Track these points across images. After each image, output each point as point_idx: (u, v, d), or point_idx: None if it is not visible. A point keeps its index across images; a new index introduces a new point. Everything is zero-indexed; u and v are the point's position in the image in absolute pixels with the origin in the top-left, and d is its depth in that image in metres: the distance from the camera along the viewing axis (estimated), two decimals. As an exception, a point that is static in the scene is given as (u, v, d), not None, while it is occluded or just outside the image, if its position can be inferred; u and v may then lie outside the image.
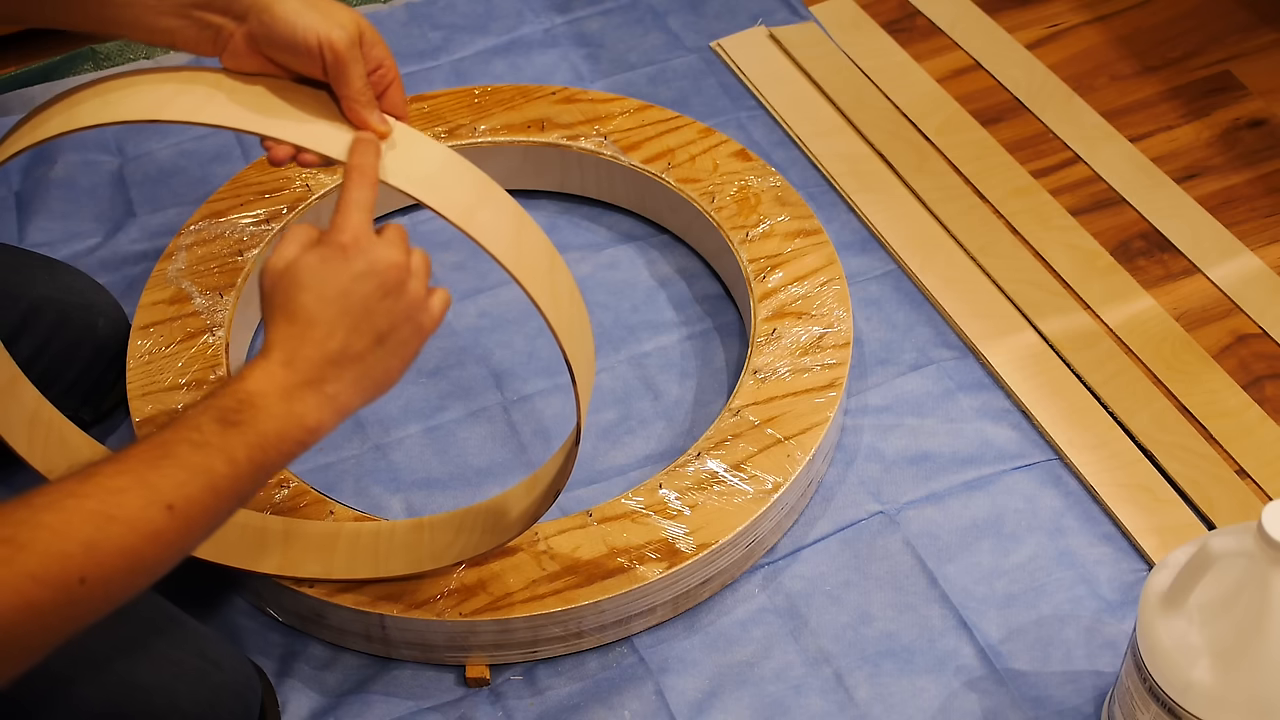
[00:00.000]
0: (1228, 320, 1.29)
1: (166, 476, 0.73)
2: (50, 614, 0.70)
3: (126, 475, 0.73)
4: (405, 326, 0.81)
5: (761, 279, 1.24)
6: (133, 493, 0.72)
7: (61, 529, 0.70)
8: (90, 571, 0.70)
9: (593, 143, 1.36)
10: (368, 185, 0.81)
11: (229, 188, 1.34)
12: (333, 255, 0.78)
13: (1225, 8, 1.60)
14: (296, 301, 0.78)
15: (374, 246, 0.79)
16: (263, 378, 0.77)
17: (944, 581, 1.12)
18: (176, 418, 0.76)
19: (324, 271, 0.78)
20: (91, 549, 0.70)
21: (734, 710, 1.05)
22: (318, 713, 1.06)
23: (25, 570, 0.68)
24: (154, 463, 0.74)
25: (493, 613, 1.04)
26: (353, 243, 0.79)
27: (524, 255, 0.85)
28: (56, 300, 1.17)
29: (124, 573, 0.72)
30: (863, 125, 1.48)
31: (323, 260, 0.78)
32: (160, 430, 0.76)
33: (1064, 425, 1.21)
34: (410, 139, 0.86)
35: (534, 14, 1.63)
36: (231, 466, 0.75)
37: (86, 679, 0.87)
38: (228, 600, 1.13)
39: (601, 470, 1.21)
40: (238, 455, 0.76)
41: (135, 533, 0.72)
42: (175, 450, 0.74)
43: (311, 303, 0.78)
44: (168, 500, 0.73)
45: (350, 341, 0.79)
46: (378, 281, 0.79)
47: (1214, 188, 1.41)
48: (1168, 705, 0.89)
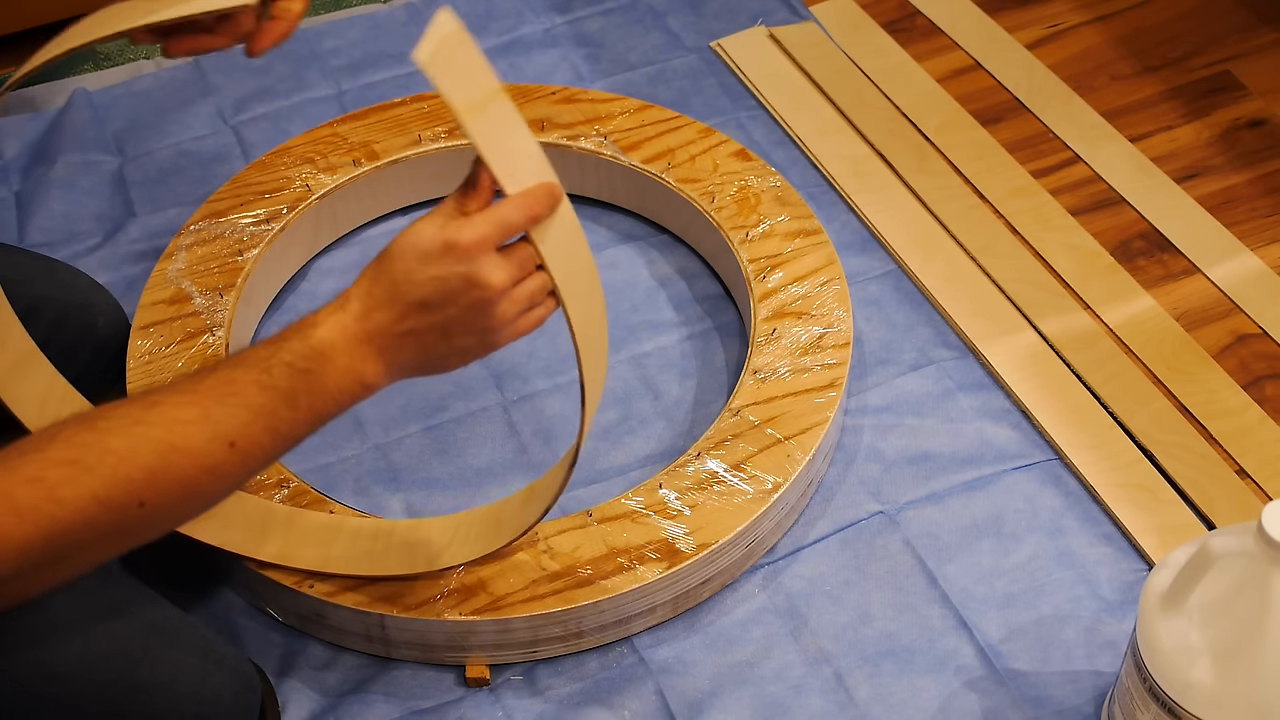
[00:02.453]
0: (1228, 320, 1.29)
1: (232, 414, 0.76)
2: (107, 533, 0.74)
3: (193, 408, 0.76)
4: (473, 338, 0.83)
5: (761, 279, 1.24)
6: (198, 425, 0.75)
7: (128, 455, 0.73)
8: (150, 497, 0.74)
9: (593, 143, 1.36)
10: (523, 215, 0.81)
11: (229, 188, 1.34)
12: (444, 246, 0.79)
13: (1225, 8, 1.60)
14: (394, 267, 0.80)
15: (483, 262, 0.80)
16: (336, 328, 0.80)
17: (944, 581, 1.12)
18: (247, 353, 0.79)
19: (428, 255, 0.80)
20: (154, 476, 0.74)
21: (734, 710, 1.05)
22: (318, 713, 1.06)
23: (90, 491, 0.72)
24: (222, 398, 0.76)
25: (493, 613, 1.04)
26: (468, 247, 0.79)
27: (572, 274, 0.86)
28: (56, 300, 1.17)
29: (180, 500, 0.76)
30: (863, 125, 1.48)
31: (433, 243, 0.80)
32: (229, 364, 0.78)
33: (1064, 425, 1.21)
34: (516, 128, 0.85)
35: (534, 14, 1.63)
36: (293, 412, 0.78)
37: (86, 679, 0.87)
38: (228, 600, 1.13)
39: (601, 470, 1.21)
40: (300, 402, 0.78)
41: (196, 465, 0.75)
42: (243, 389, 0.77)
43: (402, 277, 0.80)
44: (231, 437, 0.76)
45: (420, 327, 0.81)
46: (466, 294, 0.80)
47: (1214, 188, 1.41)
48: (1168, 705, 0.89)
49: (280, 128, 1.51)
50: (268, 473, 1.12)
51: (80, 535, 0.72)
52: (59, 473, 0.71)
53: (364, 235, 1.40)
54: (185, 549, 1.06)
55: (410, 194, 1.39)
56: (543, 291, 0.84)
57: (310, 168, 1.34)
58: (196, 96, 1.55)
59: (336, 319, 0.80)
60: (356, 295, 0.81)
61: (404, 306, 0.80)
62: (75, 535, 0.72)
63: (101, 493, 0.72)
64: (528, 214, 0.81)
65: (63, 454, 0.72)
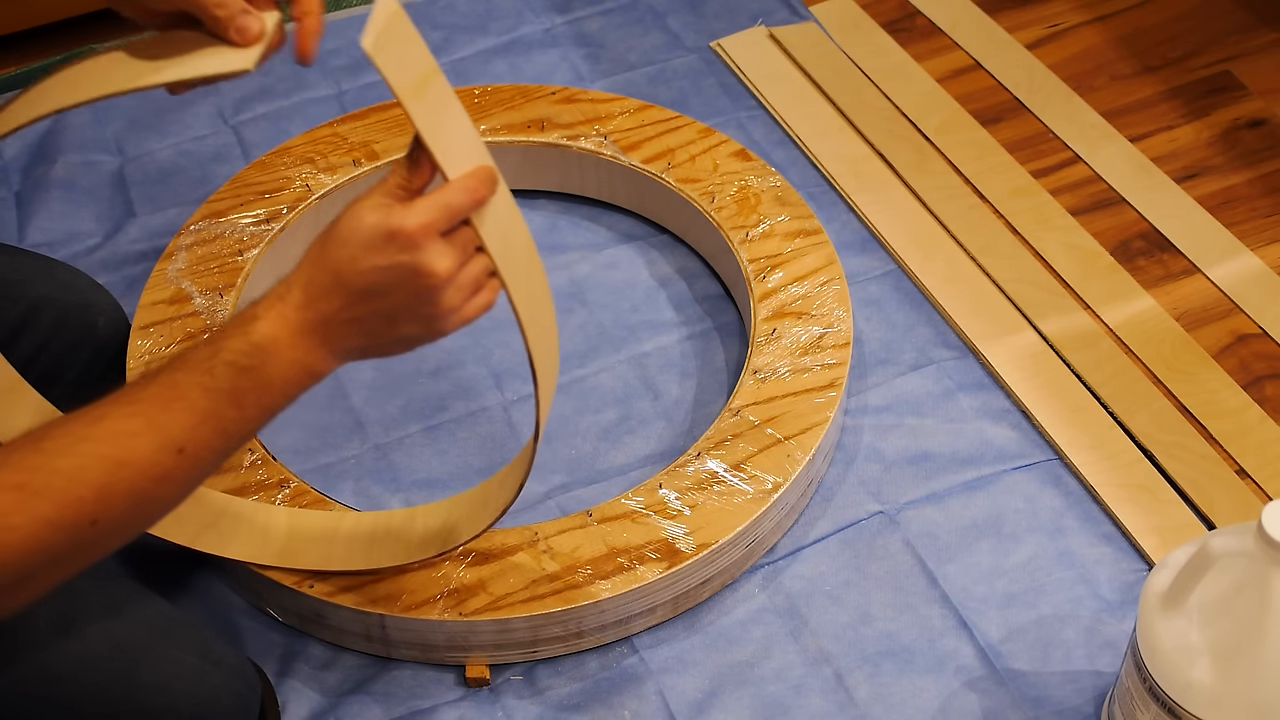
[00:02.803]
0: (1228, 320, 1.29)
1: (177, 420, 0.75)
2: (62, 554, 0.72)
3: (138, 418, 0.74)
4: (418, 326, 0.81)
5: (761, 279, 1.24)
6: (145, 437, 0.74)
7: (75, 475, 0.72)
8: (102, 514, 0.73)
9: (593, 143, 1.36)
10: (468, 198, 0.79)
11: (229, 188, 1.34)
12: (388, 234, 0.77)
13: (1225, 8, 1.60)
14: (337, 255, 0.78)
15: (428, 250, 0.78)
16: (278, 321, 0.78)
17: (944, 581, 1.12)
18: (188, 355, 0.77)
19: (372, 243, 0.78)
20: (104, 492, 0.72)
21: (734, 710, 1.05)
22: (318, 713, 1.06)
23: (40, 516, 0.71)
24: (166, 405, 0.75)
25: (493, 613, 1.04)
26: (413, 234, 0.77)
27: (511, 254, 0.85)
28: (56, 300, 1.17)
29: (134, 512, 0.75)
30: (863, 125, 1.48)
31: (376, 230, 0.78)
32: (171, 368, 0.77)
33: (1064, 425, 1.21)
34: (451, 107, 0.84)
35: (534, 14, 1.63)
36: (240, 410, 0.77)
37: (86, 679, 0.87)
38: (228, 600, 1.13)
39: (601, 470, 1.21)
40: (246, 400, 0.77)
41: (146, 476, 0.74)
42: (187, 393, 0.76)
43: (346, 265, 0.78)
44: (179, 444, 0.75)
45: (363, 314, 0.79)
46: (411, 282, 0.79)
47: (1214, 188, 1.41)
48: (1168, 705, 0.89)
49: (280, 128, 1.51)
50: (268, 473, 1.12)
51: (35, 560, 0.71)
52: (7, 499, 0.70)
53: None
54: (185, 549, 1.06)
55: (410, 194, 1.39)
56: (485, 275, 0.82)
57: (310, 168, 1.34)
58: (196, 96, 1.55)
59: (278, 311, 0.78)
60: (298, 284, 0.79)
61: (347, 295, 0.78)
62: (29, 560, 0.71)
63: (53, 516, 0.71)
64: (472, 198, 0.79)
65: (10, 478, 0.71)
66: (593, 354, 1.29)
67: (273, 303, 0.79)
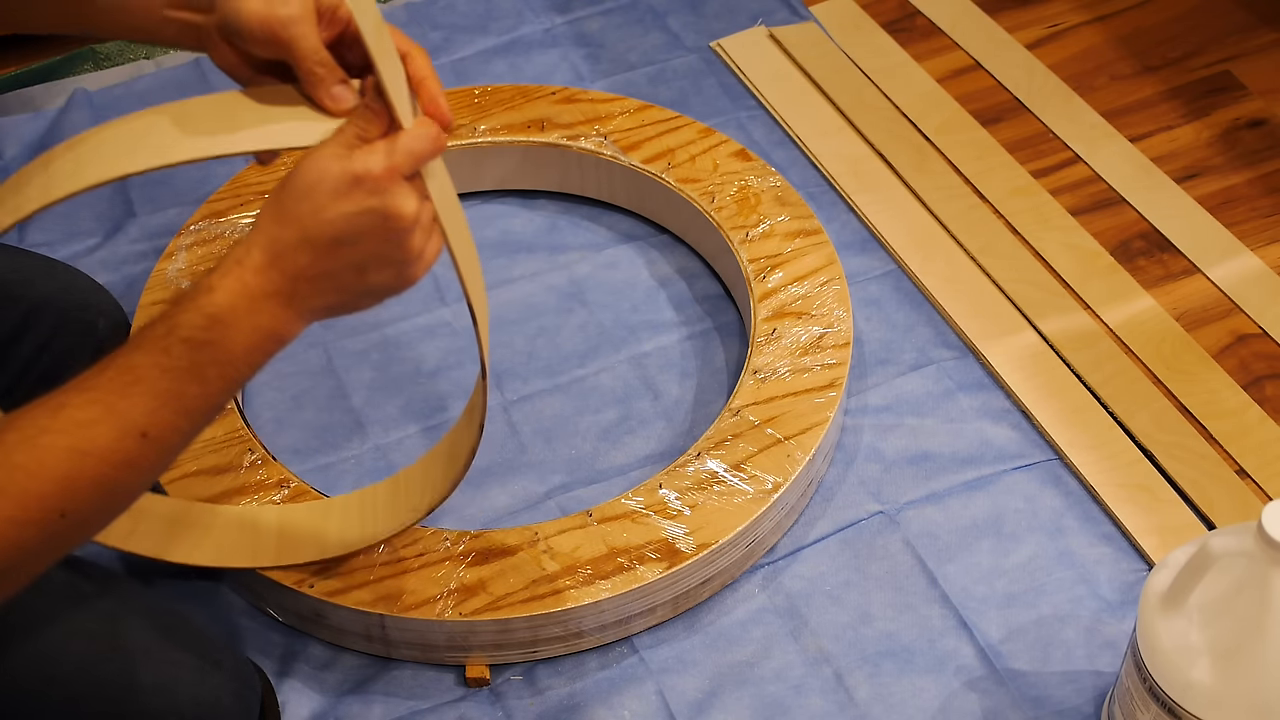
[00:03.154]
0: (1228, 320, 1.29)
1: (137, 404, 0.73)
2: (33, 549, 0.71)
3: (96, 405, 0.72)
4: (390, 271, 0.79)
5: (761, 279, 1.24)
6: (105, 424, 0.72)
7: (35, 469, 0.70)
8: (69, 506, 0.71)
9: (593, 143, 1.36)
10: (430, 145, 0.78)
11: (229, 188, 1.34)
12: (353, 181, 0.75)
13: (1225, 8, 1.60)
14: (300, 208, 0.75)
15: (396, 193, 0.75)
16: (236, 288, 0.75)
17: (944, 581, 1.12)
18: (143, 335, 0.74)
19: (337, 190, 0.75)
20: (68, 484, 0.71)
21: (734, 710, 1.05)
22: (318, 713, 1.06)
23: (5, 515, 0.69)
24: (123, 390, 0.73)
25: (493, 613, 1.04)
26: (380, 178, 0.75)
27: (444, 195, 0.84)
28: (56, 300, 1.17)
29: (102, 501, 0.73)
30: (863, 125, 1.48)
31: (342, 176, 0.75)
32: (128, 349, 0.74)
33: (1064, 425, 1.21)
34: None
35: (534, 14, 1.64)
36: (202, 386, 0.74)
37: (85, 679, 0.87)
38: (228, 600, 1.13)
39: (601, 470, 1.21)
40: (208, 374, 0.74)
41: (110, 464, 0.72)
42: (145, 375, 0.73)
43: (310, 216, 0.75)
44: (141, 428, 0.73)
45: (333, 267, 0.77)
46: (382, 226, 0.76)
47: (1214, 188, 1.41)
48: (1168, 705, 0.89)
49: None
50: (268, 473, 1.12)
51: (8, 555, 0.70)
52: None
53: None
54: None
55: (410, 194, 1.39)
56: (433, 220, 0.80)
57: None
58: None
59: (235, 277, 0.74)
60: (257, 244, 0.75)
61: (315, 248, 0.75)
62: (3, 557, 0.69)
63: (17, 514, 0.69)
64: (435, 145, 0.78)
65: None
66: (593, 354, 1.29)
67: (229, 268, 0.75)
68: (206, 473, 1.13)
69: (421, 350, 1.30)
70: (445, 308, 1.33)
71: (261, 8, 0.82)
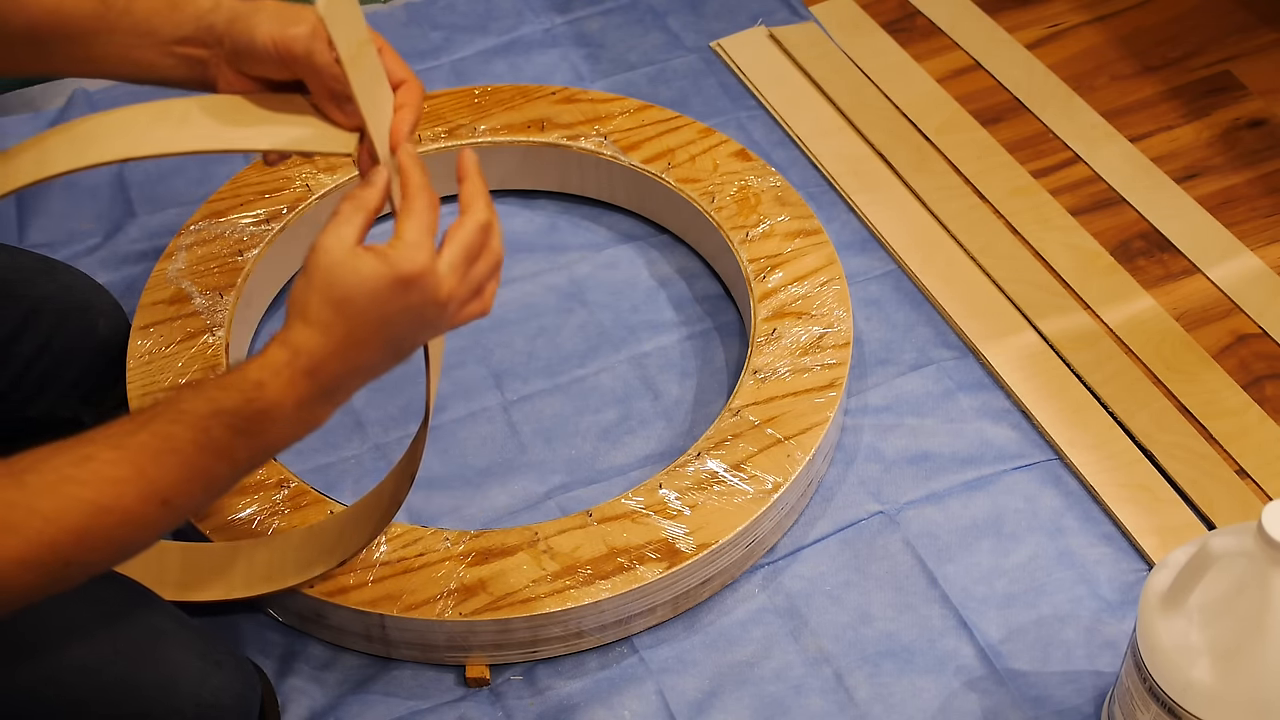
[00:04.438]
0: (1228, 320, 1.29)
1: (168, 473, 0.74)
2: (28, 589, 0.71)
3: (127, 466, 0.73)
4: (422, 340, 0.82)
5: (761, 279, 1.24)
6: (132, 484, 0.72)
7: (55, 518, 0.70)
8: (77, 556, 0.72)
9: (593, 143, 1.36)
10: (433, 208, 0.79)
11: (229, 188, 1.34)
12: (396, 286, 0.76)
13: (1225, 8, 1.60)
14: (341, 313, 0.76)
15: (433, 284, 0.77)
16: (286, 387, 0.76)
17: (944, 581, 1.12)
18: (184, 409, 0.75)
19: (382, 298, 0.76)
20: (82, 536, 0.71)
21: (734, 710, 1.05)
22: (318, 713, 1.06)
23: (12, 555, 0.69)
24: (157, 457, 0.73)
25: (493, 613, 1.04)
26: (417, 277, 0.76)
27: None
28: (56, 300, 1.17)
29: (109, 555, 0.74)
30: (863, 125, 1.48)
31: (382, 284, 0.76)
32: (164, 417, 0.75)
33: (1064, 425, 1.21)
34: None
35: (534, 14, 1.63)
36: (233, 467, 0.76)
37: (86, 680, 0.87)
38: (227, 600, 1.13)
39: (601, 470, 1.21)
40: (240, 457, 0.76)
41: (128, 524, 0.73)
42: (181, 448, 0.74)
43: (355, 320, 0.76)
44: (165, 496, 0.74)
45: (373, 359, 0.79)
46: (419, 315, 0.78)
47: (1214, 188, 1.41)
48: (1168, 705, 0.89)
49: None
50: (268, 473, 1.12)
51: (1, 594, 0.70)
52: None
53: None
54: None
55: (410, 194, 1.39)
56: (492, 272, 0.82)
57: (310, 168, 1.34)
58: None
59: (286, 378, 0.76)
60: (304, 347, 0.76)
61: (359, 349, 0.77)
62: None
63: (26, 555, 0.70)
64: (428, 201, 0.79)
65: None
66: (593, 354, 1.29)
67: (279, 368, 0.76)
68: (206, 473, 1.13)
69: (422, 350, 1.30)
70: (445, 308, 1.33)
71: (275, 29, 0.83)
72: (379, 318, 0.77)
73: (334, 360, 0.77)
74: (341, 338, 0.77)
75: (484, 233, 0.81)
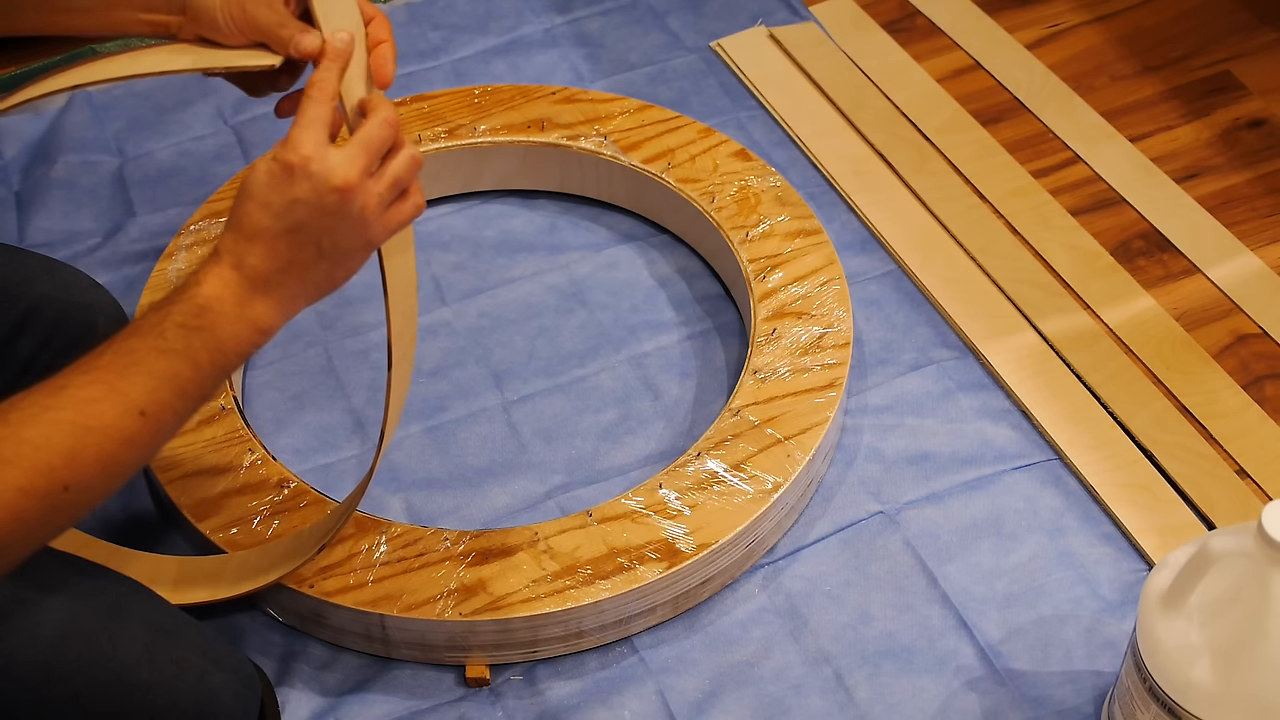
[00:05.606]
0: (1228, 320, 1.29)
1: (136, 384, 0.77)
2: (36, 522, 0.74)
3: (98, 385, 0.76)
4: (347, 240, 0.83)
5: (761, 279, 1.24)
6: (106, 402, 0.76)
7: (43, 443, 0.73)
8: (72, 479, 0.74)
9: (593, 143, 1.36)
10: (324, 101, 0.83)
11: (229, 188, 1.34)
12: (279, 173, 0.81)
13: (1225, 8, 1.60)
14: (243, 210, 0.81)
15: (321, 170, 0.81)
16: (217, 283, 0.81)
17: (944, 581, 1.12)
18: (138, 324, 0.79)
19: (269, 187, 0.81)
20: (72, 458, 0.74)
21: (734, 710, 1.05)
22: (318, 713, 1.06)
23: (13, 485, 0.72)
24: (123, 371, 0.77)
25: (493, 613, 1.04)
26: (300, 164, 0.80)
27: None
28: (56, 300, 1.17)
29: (103, 477, 0.77)
30: (863, 125, 1.48)
31: (269, 175, 0.81)
32: (125, 335, 0.79)
33: (1064, 425, 1.21)
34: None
35: (534, 14, 1.64)
36: (196, 370, 0.79)
37: (86, 678, 0.87)
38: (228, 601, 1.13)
39: (601, 470, 1.21)
40: (200, 359, 0.79)
41: (111, 440, 0.76)
42: (142, 358, 0.78)
43: (255, 214, 0.81)
44: (140, 407, 0.77)
45: (292, 255, 0.82)
46: (317, 204, 0.81)
47: (1214, 188, 1.41)
48: (1168, 705, 0.89)
49: (280, 128, 1.50)
50: (268, 472, 1.12)
51: (12, 529, 0.72)
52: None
53: (364, 235, 1.40)
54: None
55: (410, 194, 1.39)
56: (408, 172, 0.85)
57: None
58: (196, 96, 1.55)
59: (215, 273, 0.81)
60: (224, 246, 0.81)
61: (267, 242, 0.81)
62: (6, 529, 0.72)
63: (25, 484, 0.72)
64: (321, 93, 0.83)
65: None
66: (593, 354, 1.29)
67: (210, 266, 0.81)
68: (206, 473, 1.13)
69: (421, 350, 1.30)
70: (445, 307, 1.33)
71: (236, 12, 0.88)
72: (278, 208, 0.81)
73: (253, 254, 0.81)
74: (250, 230, 0.81)
75: (388, 127, 0.84)
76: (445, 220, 1.40)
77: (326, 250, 0.83)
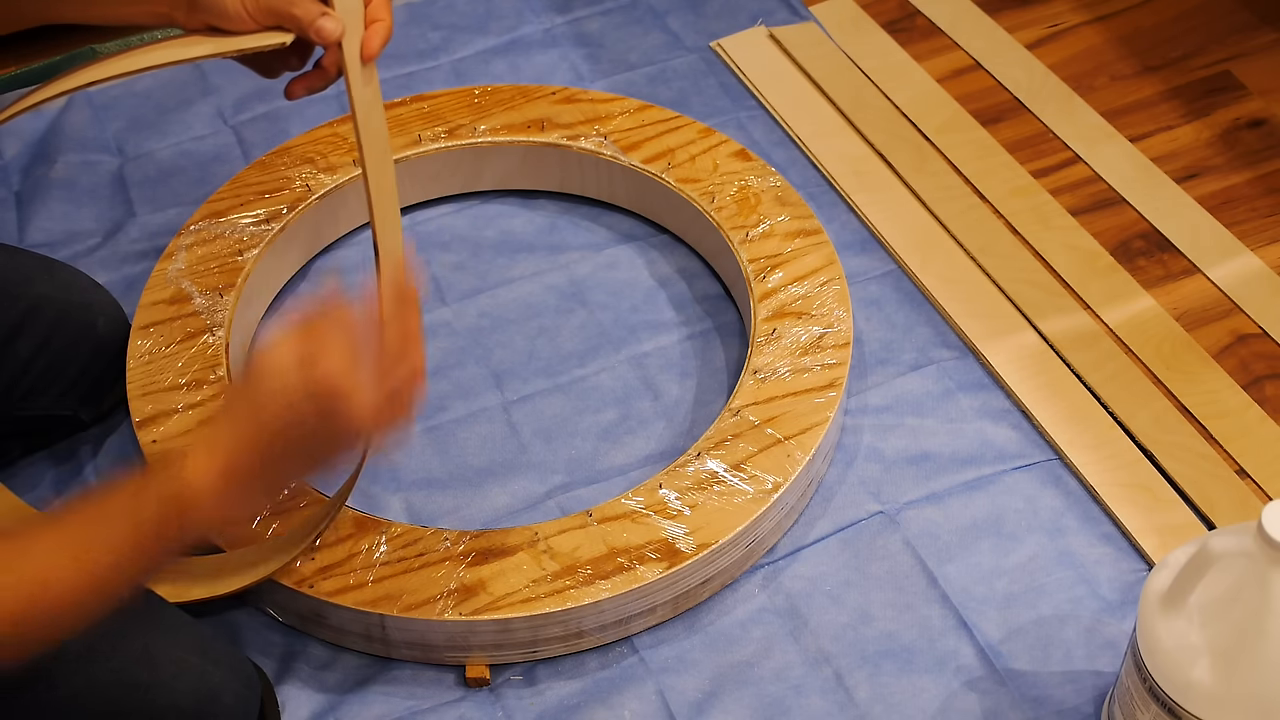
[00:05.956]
0: (1228, 320, 1.29)
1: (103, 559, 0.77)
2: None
3: (63, 553, 0.76)
4: (339, 452, 0.83)
5: (761, 279, 1.24)
6: (67, 571, 0.76)
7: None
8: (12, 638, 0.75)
9: (593, 143, 1.36)
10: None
11: (229, 188, 1.34)
12: (304, 392, 0.78)
13: (1225, 8, 1.60)
14: (250, 402, 0.79)
15: (345, 409, 0.78)
16: (201, 475, 0.78)
17: (944, 581, 1.12)
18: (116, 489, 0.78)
19: (285, 395, 0.78)
20: (17, 620, 0.75)
21: (734, 710, 1.05)
22: (318, 713, 1.06)
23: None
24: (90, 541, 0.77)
25: (493, 613, 1.04)
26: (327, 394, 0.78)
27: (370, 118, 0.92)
28: (56, 300, 1.17)
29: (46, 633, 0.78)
30: (863, 125, 1.48)
31: (293, 384, 0.78)
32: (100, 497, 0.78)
33: (1064, 425, 1.21)
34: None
35: (534, 14, 1.64)
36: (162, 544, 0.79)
37: (86, 679, 0.87)
38: (228, 600, 1.13)
39: (601, 470, 1.21)
40: (169, 535, 0.79)
41: (63, 606, 0.76)
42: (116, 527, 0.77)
43: (262, 415, 0.79)
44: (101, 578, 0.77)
45: (284, 464, 0.81)
46: (329, 437, 0.80)
47: (1214, 188, 1.41)
48: (1168, 705, 0.89)
49: (280, 128, 1.51)
50: (268, 473, 1.12)
51: None
52: None
53: (364, 235, 1.40)
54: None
55: (410, 194, 1.39)
56: (410, 380, 0.83)
57: (310, 168, 1.34)
58: (196, 96, 1.55)
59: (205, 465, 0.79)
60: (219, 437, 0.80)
61: (266, 445, 0.79)
62: None
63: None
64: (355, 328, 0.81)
65: None
66: (593, 354, 1.29)
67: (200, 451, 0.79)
68: (206, 473, 1.13)
69: (421, 350, 1.30)
70: (445, 307, 1.33)
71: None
72: (288, 420, 0.78)
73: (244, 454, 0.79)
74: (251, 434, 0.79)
75: (416, 378, 0.84)
76: (445, 220, 1.40)
77: (318, 462, 0.82)
